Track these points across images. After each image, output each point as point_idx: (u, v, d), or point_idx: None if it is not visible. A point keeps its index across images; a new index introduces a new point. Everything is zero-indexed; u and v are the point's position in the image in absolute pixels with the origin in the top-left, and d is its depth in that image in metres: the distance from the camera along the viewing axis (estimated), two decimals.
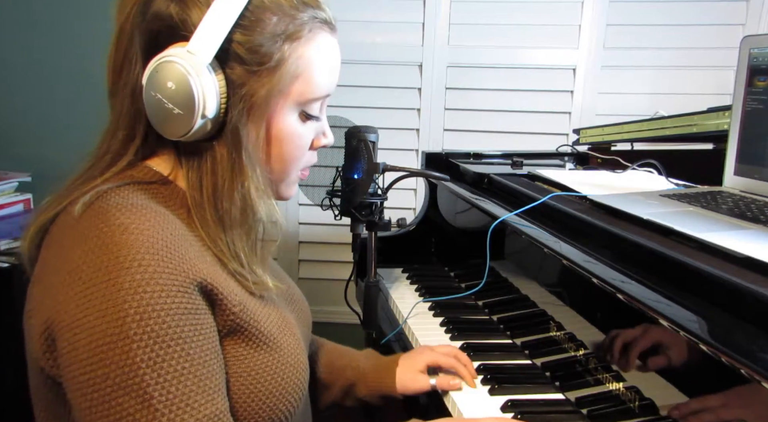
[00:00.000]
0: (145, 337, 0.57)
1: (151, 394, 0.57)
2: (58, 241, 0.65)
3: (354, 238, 1.22)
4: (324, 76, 0.72)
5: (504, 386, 0.95)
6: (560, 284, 1.01)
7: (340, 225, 1.23)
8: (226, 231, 0.69)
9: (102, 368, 0.57)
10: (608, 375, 0.84)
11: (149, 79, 0.64)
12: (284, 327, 0.75)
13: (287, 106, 0.71)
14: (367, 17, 2.00)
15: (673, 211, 0.93)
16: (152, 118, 0.66)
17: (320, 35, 0.71)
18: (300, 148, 0.75)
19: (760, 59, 1.01)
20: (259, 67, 0.66)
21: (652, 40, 1.97)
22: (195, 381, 0.60)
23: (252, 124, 0.68)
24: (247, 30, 0.65)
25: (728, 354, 0.59)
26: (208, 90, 0.64)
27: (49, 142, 2.09)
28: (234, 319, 0.67)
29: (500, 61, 2.03)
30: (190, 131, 0.65)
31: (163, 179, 0.71)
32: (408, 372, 0.99)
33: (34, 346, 0.63)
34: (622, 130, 1.52)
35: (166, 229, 0.63)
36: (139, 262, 0.59)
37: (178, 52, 0.63)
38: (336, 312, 1.87)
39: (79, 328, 0.58)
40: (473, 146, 1.69)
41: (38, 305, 0.63)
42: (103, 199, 0.64)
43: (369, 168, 1.10)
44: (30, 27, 2.07)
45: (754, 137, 1.03)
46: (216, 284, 0.65)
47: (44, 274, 0.64)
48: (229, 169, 0.68)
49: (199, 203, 0.69)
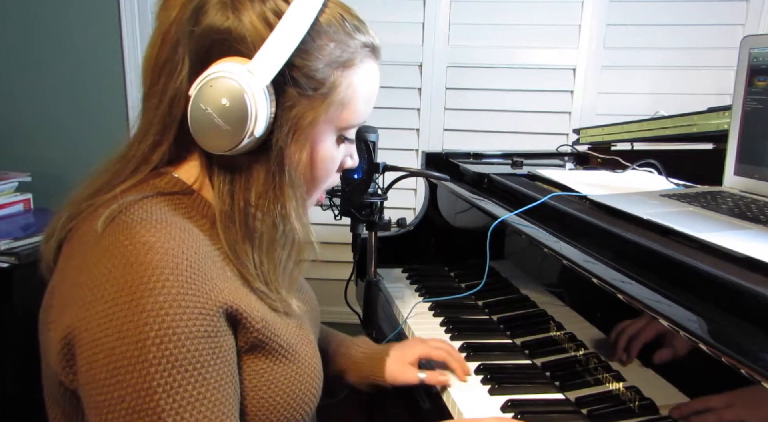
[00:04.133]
0: (164, 362, 0.57)
1: (165, 419, 0.57)
2: (79, 254, 0.64)
3: (354, 238, 1.22)
4: (367, 103, 0.74)
5: (504, 386, 0.95)
6: (560, 284, 1.01)
7: (340, 225, 1.24)
8: (254, 248, 0.69)
9: (119, 390, 0.57)
10: (608, 375, 0.84)
11: (200, 92, 0.63)
12: (302, 336, 0.74)
13: (329, 130, 0.71)
14: (367, 17, 1.99)
15: (673, 211, 0.93)
16: (196, 129, 0.64)
17: (368, 63, 0.73)
18: (331, 171, 0.75)
19: (760, 59, 1.01)
20: (312, 92, 0.66)
21: (652, 40, 1.97)
22: (209, 406, 0.60)
23: (295, 146, 0.68)
24: (305, 54, 0.65)
25: (728, 354, 0.59)
26: (261, 110, 0.63)
27: (49, 142, 2.10)
28: (257, 336, 0.66)
29: (500, 61, 2.03)
30: (234, 148, 0.64)
31: (187, 189, 0.70)
32: (397, 364, 0.99)
33: (52, 359, 0.63)
34: (622, 130, 1.52)
35: (191, 248, 0.61)
36: (162, 283, 0.58)
37: (236, 69, 0.62)
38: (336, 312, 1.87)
39: (99, 348, 0.57)
40: (473, 146, 1.69)
41: (58, 318, 0.62)
42: (126, 213, 0.63)
43: (369, 168, 1.10)
44: (30, 27, 2.07)
45: (754, 137, 1.03)
46: (239, 304, 0.64)
47: (65, 288, 0.63)
48: (266, 187, 0.67)
49: (228, 216, 0.68)
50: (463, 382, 0.98)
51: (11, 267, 1.59)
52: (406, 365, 0.99)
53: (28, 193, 1.92)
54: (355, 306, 1.34)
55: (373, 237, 1.19)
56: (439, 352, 1.00)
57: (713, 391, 0.65)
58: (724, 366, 0.60)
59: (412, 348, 1.01)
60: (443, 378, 0.97)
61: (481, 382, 0.97)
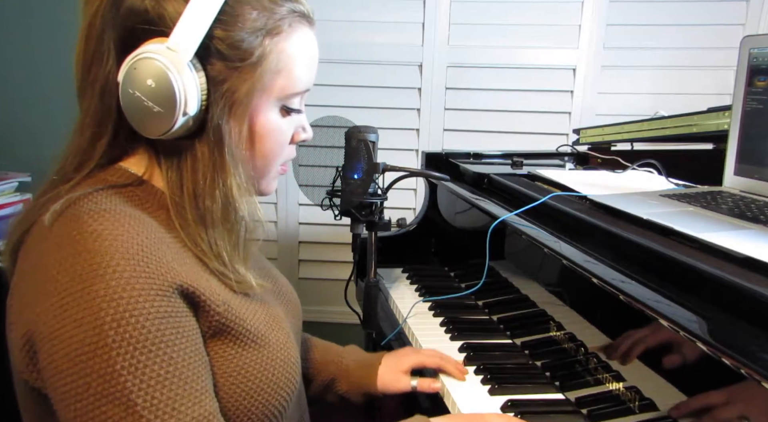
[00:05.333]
0: (124, 344, 0.56)
1: (135, 401, 0.56)
2: (32, 251, 0.63)
3: (354, 238, 1.22)
4: (304, 70, 0.72)
5: (504, 386, 0.95)
6: (560, 284, 1.01)
7: (340, 225, 1.23)
8: (207, 230, 0.68)
9: (83, 377, 0.56)
10: (608, 375, 0.84)
11: (126, 77, 0.63)
12: (272, 323, 0.74)
13: (269, 101, 0.70)
14: (367, 17, 2.00)
15: (673, 211, 0.93)
16: (130, 116, 0.64)
17: (300, 29, 0.70)
18: (281, 144, 0.74)
19: (760, 59, 1.01)
20: (240, 63, 0.65)
21: (652, 40, 1.97)
22: (180, 384, 0.59)
23: (234, 121, 0.67)
24: (227, 25, 0.64)
25: (728, 354, 0.59)
26: (190, 87, 0.63)
27: (49, 142, 2.08)
28: (219, 319, 0.66)
29: (500, 61, 2.03)
30: (170, 129, 0.63)
31: (138, 180, 0.70)
32: (391, 372, 0.99)
33: (16, 359, 0.62)
34: (622, 130, 1.52)
35: (141, 234, 0.61)
36: (113, 269, 0.58)
37: (157, 48, 0.62)
38: (336, 312, 1.88)
39: (57, 339, 0.57)
40: (473, 146, 1.69)
41: (17, 317, 0.62)
42: (75, 205, 0.63)
43: (369, 168, 1.10)
44: (30, 27, 2.07)
45: (754, 137, 1.03)
46: (197, 286, 0.64)
47: (21, 286, 0.63)
48: (210, 166, 0.67)
49: (179, 202, 0.67)
50: (462, 381, 0.98)
51: None
52: (398, 373, 0.99)
53: (28, 193, 1.92)
54: (355, 306, 1.34)
55: (373, 237, 1.19)
56: (433, 359, 1.00)
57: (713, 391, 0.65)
58: (723, 366, 0.60)
59: (405, 357, 1.01)
60: (435, 384, 0.98)
61: (481, 382, 0.97)
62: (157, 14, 0.63)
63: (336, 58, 1.97)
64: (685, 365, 0.69)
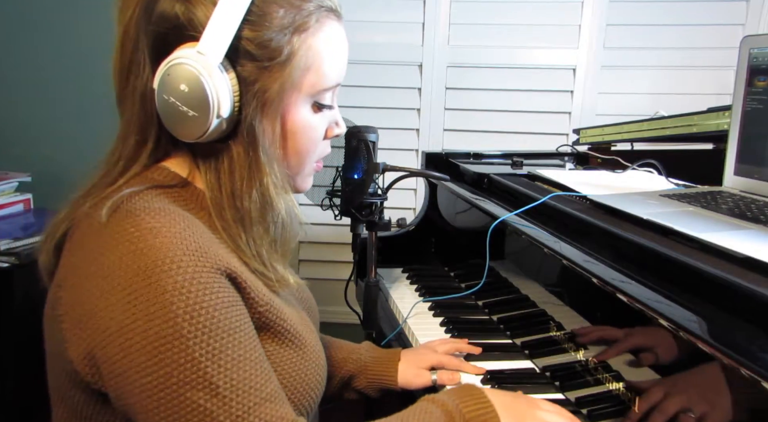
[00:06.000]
0: (199, 334, 0.59)
1: (217, 383, 0.59)
2: (84, 246, 0.64)
3: (354, 238, 1.22)
4: (334, 65, 0.72)
5: (504, 386, 0.95)
6: (560, 284, 1.01)
7: (340, 225, 1.23)
8: (246, 230, 0.69)
9: (164, 368, 0.58)
10: (608, 375, 0.83)
11: (161, 83, 0.64)
12: (306, 326, 0.76)
13: (300, 98, 0.70)
14: (367, 17, 2.00)
15: (673, 211, 0.93)
16: (166, 121, 0.66)
17: (327, 24, 0.71)
18: (314, 140, 0.75)
19: (760, 59, 1.01)
20: (270, 63, 0.66)
21: (652, 40, 1.97)
22: (252, 365, 0.62)
23: (267, 120, 0.68)
24: (254, 25, 0.65)
25: (728, 354, 0.59)
26: (222, 90, 0.63)
27: (49, 142, 2.09)
28: (263, 313, 0.68)
29: (500, 61, 2.03)
30: (206, 132, 0.64)
31: (182, 181, 0.71)
32: (412, 369, 1.00)
33: (65, 351, 0.63)
34: (622, 130, 1.52)
35: (196, 232, 0.63)
36: (177, 264, 0.59)
37: (188, 53, 0.63)
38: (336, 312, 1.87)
39: (131, 333, 0.58)
40: (473, 146, 1.69)
41: (70, 310, 0.63)
42: (128, 202, 0.64)
43: (369, 168, 1.10)
44: (30, 27, 2.07)
45: (754, 137, 1.03)
46: (245, 278, 0.66)
47: (74, 280, 0.64)
48: (246, 167, 0.68)
49: (219, 204, 0.69)
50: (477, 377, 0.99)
51: (11, 268, 1.58)
52: (420, 370, 1.00)
53: (28, 193, 1.92)
54: (355, 306, 1.34)
55: (373, 237, 1.19)
56: (451, 359, 1.01)
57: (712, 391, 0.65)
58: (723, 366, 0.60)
59: (425, 356, 1.02)
60: (456, 377, 0.98)
61: (482, 382, 0.97)
62: (187, 19, 0.64)
63: None
64: (685, 365, 0.69)
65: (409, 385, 0.99)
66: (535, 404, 0.80)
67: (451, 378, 0.98)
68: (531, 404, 0.80)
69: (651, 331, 0.75)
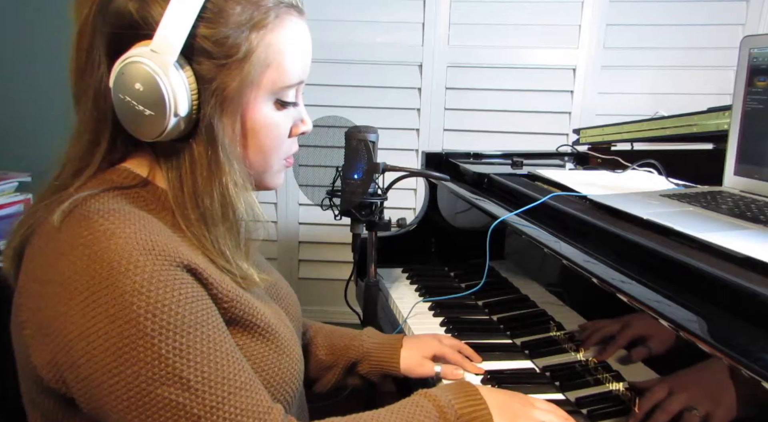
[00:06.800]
0: (164, 331, 0.58)
1: (187, 377, 0.59)
2: (41, 252, 0.63)
3: (354, 238, 1.22)
4: (296, 62, 0.71)
5: (504, 386, 0.95)
6: (560, 284, 1.01)
7: (340, 225, 1.23)
8: (209, 228, 0.69)
9: (130, 367, 0.57)
10: (608, 375, 0.83)
11: (116, 82, 0.63)
12: (279, 320, 0.76)
13: (261, 96, 0.69)
14: (367, 17, 2.00)
15: (673, 211, 0.93)
16: (123, 120, 0.65)
17: (287, 20, 0.69)
18: (278, 138, 0.73)
19: (760, 59, 1.01)
20: (227, 60, 0.65)
21: (652, 40, 1.97)
22: (222, 356, 0.62)
23: (226, 119, 0.67)
24: (210, 22, 0.64)
25: (728, 354, 0.59)
26: (178, 88, 0.63)
27: (49, 142, 2.08)
28: (227, 310, 0.67)
29: (500, 61, 2.03)
30: (163, 132, 0.64)
31: (142, 181, 0.70)
32: (415, 357, 1.00)
33: (29, 357, 0.63)
34: (622, 130, 1.52)
35: (153, 231, 0.62)
36: (134, 264, 0.58)
37: (142, 51, 0.62)
38: (336, 312, 1.87)
39: (93, 336, 0.58)
40: (473, 146, 1.69)
41: (32, 317, 0.62)
42: (83, 205, 0.63)
43: (369, 168, 1.10)
44: (29, 27, 2.07)
45: (754, 137, 1.03)
46: (209, 274, 0.65)
47: (32, 286, 0.63)
48: (206, 166, 0.67)
49: (181, 203, 0.68)
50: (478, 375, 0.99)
51: None
52: (423, 358, 1.00)
53: (28, 193, 1.92)
54: (355, 306, 1.34)
55: (373, 237, 1.19)
56: (454, 354, 1.01)
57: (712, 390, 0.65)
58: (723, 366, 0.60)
59: (428, 343, 1.01)
60: (458, 372, 0.98)
61: (482, 382, 0.97)
62: (141, 17, 0.63)
63: (336, 58, 1.97)
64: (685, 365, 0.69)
65: (412, 372, 0.99)
66: (530, 403, 0.80)
67: (454, 374, 0.98)
68: (525, 403, 0.79)
69: (646, 323, 0.75)
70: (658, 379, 0.74)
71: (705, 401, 0.65)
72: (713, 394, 0.64)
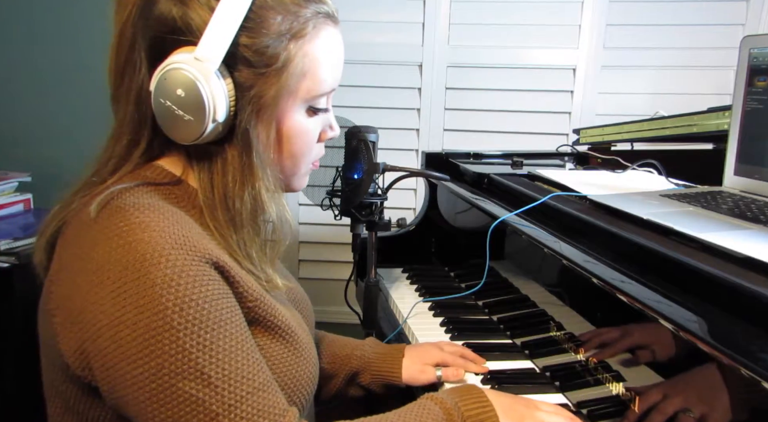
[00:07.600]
0: (189, 325, 0.59)
1: (209, 374, 0.60)
2: (75, 242, 0.65)
3: (354, 238, 1.22)
4: (330, 71, 0.73)
5: (504, 386, 0.95)
6: (560, 284, 1.01)
7: (340, 225, 1.24)
8: (237, 231, 0.70)
9: (154, 359, 0.58)
10: (608, 376, 0.83)
11: (157, 86, 0.64)
12: (297, 323, 0.77)
13: (296, 104, 0.71)
14: (367, 17, 2.00)
15: (673, 211, 0.93)
16: (162, 124, 0.66)
17: (324, 30, 0.71)
18: (309, 143, 0.75)
19: (760, 59, 1.01)
20: (266, 69, 0.66)
21: (653, 40, 1.97)
22: (243, 355, 0.63)
23: (261, 125, 0.69)
24: (252, 32, 0.65)
25: (728, 354, 0.59)
26: (218, 95, 0.64)
27: (49, 142, 2.09)
28: (251, 309, 0.68)
29: (500, 61, 2.03)
30: (201, 136, 0.65)
31: (175, 179, 0.72)
32: (416, 365, 1.00)
33: (57, 345, 0.64)
34: (622, 130, 1.52)
35: (185, 227, 0.64)
36: (166, 258, 0.60)
37: (185, 58, 0.63)
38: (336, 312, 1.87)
39: (121, 325, 0.59)
40: (473, 146, 1.69)
41: (62, 304, 0.64)
42: (119, 198, 0.65)
43: (369, 168, 1.10)
44: (30, 27, 2.07)
45: (754, 137, 1.03)
46: (235, 273, 0.67)
47: (65, 274, 0.64)
48: (239, 170, 0.68)
49: (211, 204, 0.69)
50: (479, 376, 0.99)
51: (11, 267, 1.58)
52: (424, 365, 1.00)
53: (28, 193, 1.92)
54: (355, 306, 1.34)
55: (373, 237, 1.19)
56: (456, 359, 1.01)
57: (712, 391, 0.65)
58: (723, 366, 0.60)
59: (430, 352, 1.02)
60: (460, 372, 0.98)
61: (482, 382, 0.97)
62: (184, 24, 0.64)
63: None
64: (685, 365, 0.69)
65: (414, 381, 0.99)
66: (535, 405, 0.81)
67: (456, 375, 0.98)
68: (530, 405, 0.80)
69: (649, 328, 0.75)
70: (657, 381, 0.74)
71: (702, 403, 0.65)
72: (710, 396, 0.64)
